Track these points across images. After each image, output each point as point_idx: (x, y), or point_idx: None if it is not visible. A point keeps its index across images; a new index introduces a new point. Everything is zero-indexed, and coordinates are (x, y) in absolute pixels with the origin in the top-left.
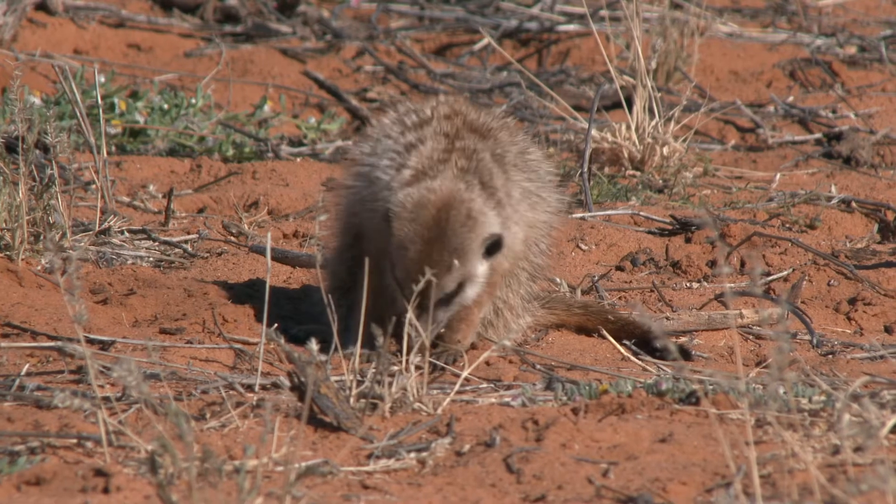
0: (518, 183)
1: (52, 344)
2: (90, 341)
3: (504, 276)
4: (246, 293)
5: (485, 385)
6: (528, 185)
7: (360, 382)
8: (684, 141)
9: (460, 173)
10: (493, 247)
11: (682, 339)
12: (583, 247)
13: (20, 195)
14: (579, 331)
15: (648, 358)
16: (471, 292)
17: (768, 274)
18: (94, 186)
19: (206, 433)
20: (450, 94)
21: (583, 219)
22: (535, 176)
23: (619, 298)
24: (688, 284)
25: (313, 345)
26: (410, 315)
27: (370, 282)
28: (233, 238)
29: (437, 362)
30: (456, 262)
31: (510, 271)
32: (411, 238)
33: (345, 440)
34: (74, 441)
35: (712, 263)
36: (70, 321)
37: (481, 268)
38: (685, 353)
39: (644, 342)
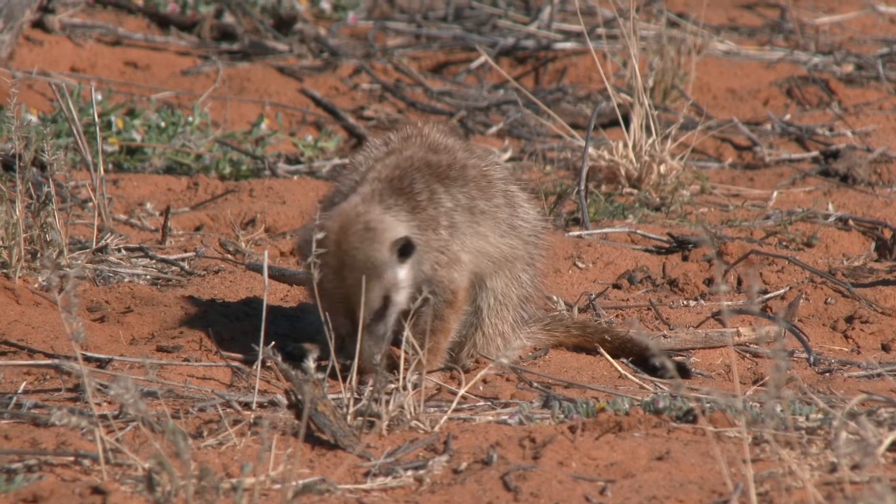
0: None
1: (49, 362)
2: (87, 359)
3: (472, 289)
4: (243, 311)
5: (482, 403)
6: (481, 204)
7: (357, 400)
8: (681, 159)
9: (373, 183)
10: (405, 249)
11: (680, 358)
12: (580, 265)
13: (17, 213)
14: (577, 349)
15: (646, 376)
16: (400, 298)
17: (765, 292)
18: (91, 204)
19: (203, 451)
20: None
21: (580, 237)
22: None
23: (616, 316)
24: (685, 302)
25: (310, 363)
26: (408, 332)
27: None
28: (230, 256)
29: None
30: (370, 276)
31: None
32: (321, 270)
33: (342, 458)
34: (71, 459)
35: (709, 281)
36: (67, 339)
37: (402, 272)
38: (684, 371)
39: (642, 360)
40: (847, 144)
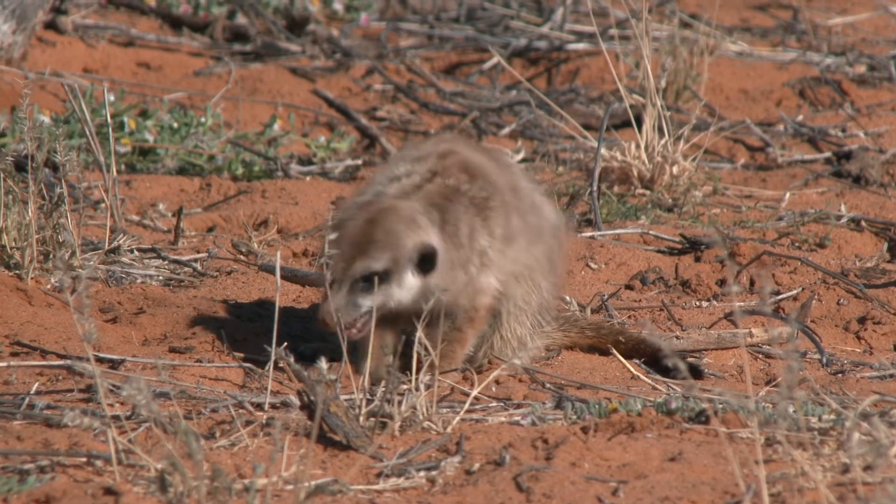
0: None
1: (61, 363)
2: (100, 360)
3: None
4: (255, 312)
5: (494, 404)
6: (515, 228)
7: (369, 401)
8: (694, 160)
9: (427, 205)
10: (427, 257)
11: (692, 359)
12: (592, 265)
13: (29, 214)
14: (590, 350)
15: (658, 376)
16: (400, 294)
17: (778, 293)
18: (103, 205)
19: (215, 452)
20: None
21: (592, 238)
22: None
23: (629, 317)
24: (697, 303)
25: (323, 364)
26: (420, 334)
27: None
28: (242, 257)
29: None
30: (385, 243)
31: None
32: (345, 222)
33: (354, 459)
34: (84, 460)
35: (722, 282)
36: (79, 340)
37: (413, 280)
38: (696, 372)
39: (654, 361)
40: (860, 145)
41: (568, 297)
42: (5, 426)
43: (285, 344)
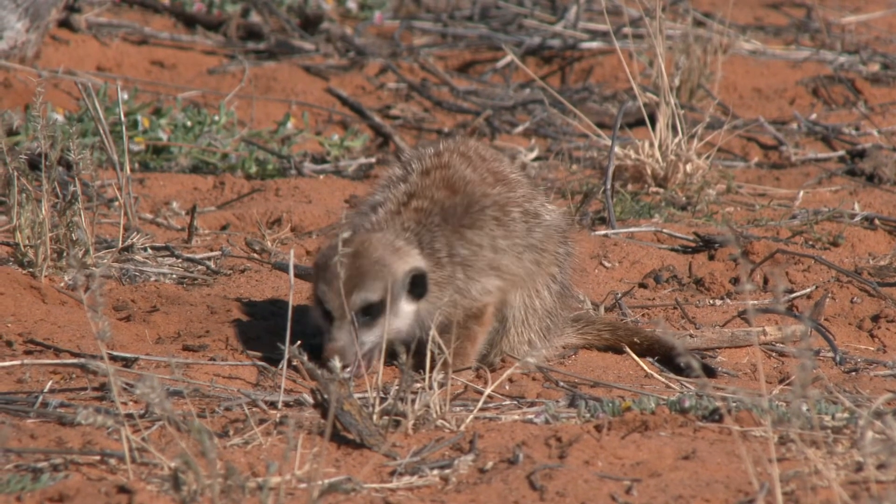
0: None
1: (75, 361)
2: (113, 358)
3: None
4: (269, 310)
5: (508, 402)
6: (501, 242)
7: (383, 399)
8: (707, 158)
9: (401, 231)
10: (417, 280)
11: (706, 357)
12: (606, 264)
13: (43, 212)
14: (606, 349)
15: (672, 375)
16: (398, 323)
17: (791, 291)
18: (117, 203)
19: (229, 450)
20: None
21: (606, 236)
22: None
23: (643, 315)
24: (711, 302)
25: (336, 362)
26: (434, 332)
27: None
28: (256, 255)
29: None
30: (377, 274)
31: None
32: (333, 257)
33: (368, 457)
34: (97, 458)
35: (735, 281)
36: (93, 338)
37: (407, 307)
38: (710, 370)
39: (668, 359)
40: (873, 144)
41: (581, 296)
42: (19, 424)
43: (299, 342)
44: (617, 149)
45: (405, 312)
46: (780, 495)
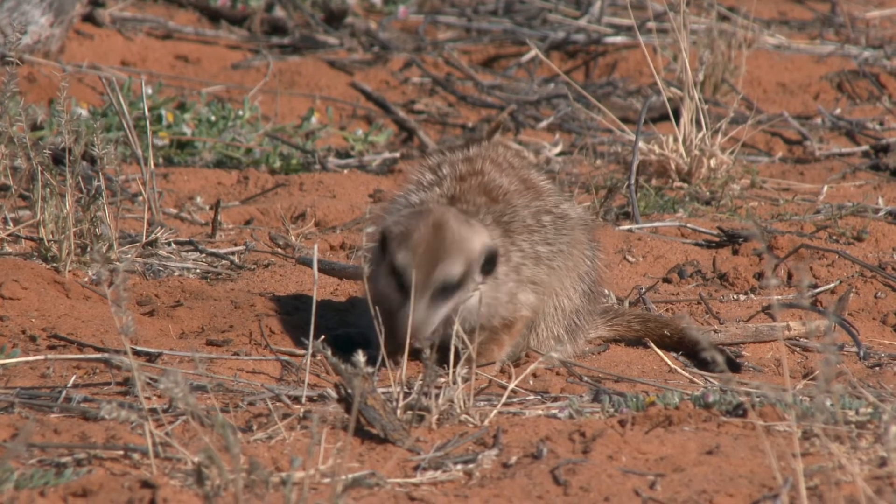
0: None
1: (98, 356)
2: (137, 353)
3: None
4: (293, 305)
5: (532, 397)
6: (541, 250)
7: (406, 394)
8: (731, 153)
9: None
10: (490, 258)
11: (731, 352)
12: (630, 259)
13: (67, 207)
14: (635, 343)
15: (696, 369)
16: (469, 300)
17: (815, 286)
18: (141, 198)
19: (252, 445)
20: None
21: (630, 231)
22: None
23: (667, 310)
24: (735, 296)
25: (360, 357)
26: (458, 327)
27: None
28: (279, 250)
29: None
30: (459, 248)
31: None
32: (414, 236)
33: (391, 452)
34: (121, 453)
35: (759, 275)
36: (117, 333)
37: (479, 283)
38: (734, 365)
39: (692, 354)
40: None
41: (606, 291)
42: (42, 419)
43: (322, 337)
44: (641, 144)
45: (474, 290)
46: (804, 490)
